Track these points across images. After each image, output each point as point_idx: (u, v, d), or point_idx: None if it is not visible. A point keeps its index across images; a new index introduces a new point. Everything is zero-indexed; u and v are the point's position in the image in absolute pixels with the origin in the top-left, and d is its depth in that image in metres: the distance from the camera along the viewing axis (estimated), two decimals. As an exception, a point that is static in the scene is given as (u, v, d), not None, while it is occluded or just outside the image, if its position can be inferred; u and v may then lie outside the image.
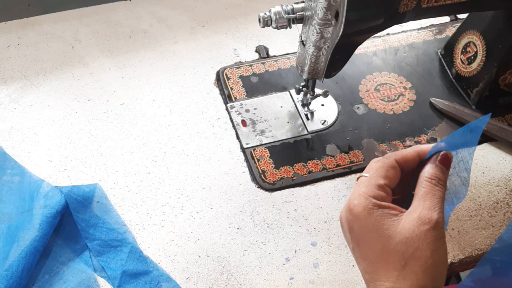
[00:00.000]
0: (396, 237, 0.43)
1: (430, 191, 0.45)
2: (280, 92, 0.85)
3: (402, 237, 0.43)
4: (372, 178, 0.47)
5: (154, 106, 0.83)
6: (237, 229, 0.70)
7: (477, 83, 0.82)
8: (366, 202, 0.45)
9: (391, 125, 0.81)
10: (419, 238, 0.42)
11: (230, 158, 0.77)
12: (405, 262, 0.43)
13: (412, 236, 0.43)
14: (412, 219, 0.43)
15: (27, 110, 0.81)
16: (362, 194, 0.46)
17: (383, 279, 0.43)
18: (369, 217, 0.45)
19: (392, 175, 0.47)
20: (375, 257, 0.44)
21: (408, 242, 0.43)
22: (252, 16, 0.97)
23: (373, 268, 0.45)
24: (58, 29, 0.93)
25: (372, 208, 0.45)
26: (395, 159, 0.48)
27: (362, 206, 0.45)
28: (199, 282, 0.65)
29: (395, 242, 0.43)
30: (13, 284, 0.61)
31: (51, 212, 0.66)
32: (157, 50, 0.91)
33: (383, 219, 0.44)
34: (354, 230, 0.46)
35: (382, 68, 0.89)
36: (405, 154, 0.48)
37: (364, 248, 0.46)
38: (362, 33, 0.67)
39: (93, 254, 0.67)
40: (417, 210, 0.44)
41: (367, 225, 0.45)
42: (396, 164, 0.48)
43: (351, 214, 0.46)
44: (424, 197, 0.45)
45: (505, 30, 0.77)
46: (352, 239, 0.47)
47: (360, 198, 0.46)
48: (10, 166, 0.74)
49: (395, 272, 0.43)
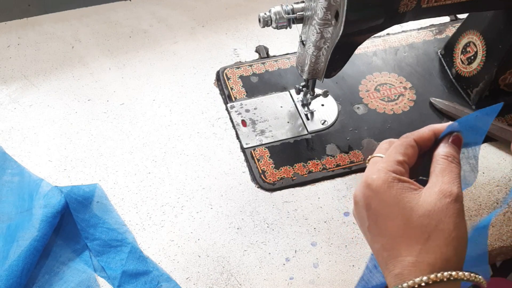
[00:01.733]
0: (419, 210, 0.42)
1: (447, 167, 0.45)
2: (280, 92, 0.85)
3: (425, 210, 0.42)
4: (391, 155, 0.46)
5: (154, 106, 0.83)
6: (237, 229, 0.70)
7: (477, 83, 0.83)
8: (386, 176, 0.44)
9: (391, 125, 0.81)
10: (441, 210, 0.42)
11: (230, 158, 0.77)
12: (428, 235, 0.42)
13: (434, 209, 0.42)
14: (433, 193, 0.43)
15: (27, 110, 0.81)
16: (381, 169, 0.45)
17: (405, 253, 0.42)
18: (389, 191, 0.44)
19: (410, 153, 0.47)
20: (396, 231, 0.43)
21: (430, 215, 0.42)
22: (252, 16, 0.97)
23: (393, 244, 0.43)
24: (58, 29, 0.93)
25: (392, 181, 0.44)
26: (414, 138, 0.48)
27: (382, 180, 0.44)
28: (199, 282, 0.65)
29: (418, 215, 0.42)
30: (13, 284, 0.61)
31: (51, 212, 0.66)
32: (157, 50, 0.91)
33: (404, 192, 0.43)
34: (372, 206, 0.45)
35: (382, 68, 0.89)
36: (422, 133, 0.48)
37: (383, 224, 0.44)
38: (362, 33, 0.67)
39: (93, 254, 0.67)
40: (437, 185, 0.43)
41: (387, 198, 0.44)
42: (414, 143, 0.47)
43: (369, 189, 0.45)
44: (442, 173, 0.44)
45: (505, 30, 0.77)
46: (369, 216, 0.46)
47: (380, 172, 0.45)
48: (10, 166, 0.74)
49: (417, 245, 0.42)
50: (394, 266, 0.43)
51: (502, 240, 0.70)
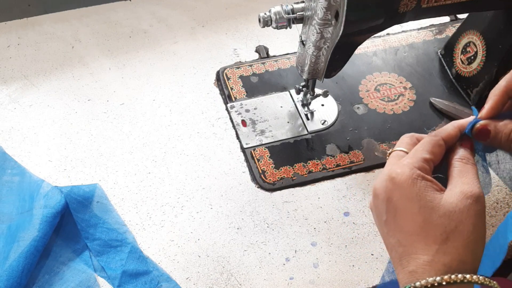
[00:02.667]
0: (440, 209, 0.42)
1: (464, 169, 0.45)
2: (280, 92, 0.85)
3: (446, 210, 0.42)
4: (418, 151, 0.46)
5: (154, 106, 0.83)
6: (237, 229, 0.70)
7: (477, 83, 0.83)
8: (411, 172, 0.44)
9: (391, 125, 0.81)
10: (462, 212, 0.42)
11: (230, 158, 0.77)
12: (447, 236, 0.42)
13: (455, 210, 0.42)
14: (454, 194, 0.43)
15: (27, 110, 0.81)
16: (406, 164, 0.45)
17: (421, 252, 0.42)
18: (413, 187, 0.44)
19: (438, 152, 0.47)
20: (414, 228, 0.43)
21: (451, 216, 0.42)
22: (252, 16, 0.97)
23: (410, 241, 0.43)
24: (58, 29, 0.93)
25: (417, 178, 0.44)
26: (442, 137, 0.47)
27: (407, 175, 0.44)
28: (199, 282, 0.65)
29: (438, 215, 0.42)
30: (13, 284, 0.61)
31: (51, 212, 0.66)
32: (157, 50, 0.91)
33: (427, 191, 0.43)
34: (393, 200, 0.45)
35: (382, 68, 0.89)
36: (449, 131, 0.48)
37: (402, 219, 0.44)
38: (362, 33, 0.67)
39: (93, 254, 0.67)
40: (458, 186, 0.44)
41: (410, 194, 0.44)
42: (443, 142, 0.47)
43: (392, 183, 0.45)
44: (460, 174, 0.45)
45: (505, 30, 0.77)
46: (388, 210, 0.45)
47: (405, 167, 0.45)
48: (10, 166, 0.74)
49: (435, 245, 0.42)
50: (408, 263, 0.43)
51: (502, 240, 0.70)
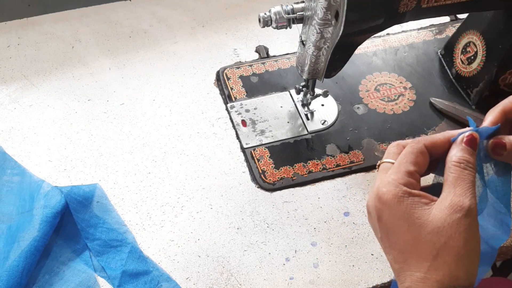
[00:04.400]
0: (428, 226, 0.42)
1: (459, 176, 0.43)
2: (280, 92, 0.85)
3: (434, 227, 0.42)
4: (402, 164, 0.45)
5: (154, 106, 0.83)
6: (237, 229, 0.70)
7: (477, 83, 0.82)
8: (396, 190, 0.43)
9: (391, 125, 0.81)
10: (451, 227, 0.41)
11: (230, 158, 0.77)
12: (437, 252, 0.41)
13: (444, 225, 0.41)
14: (443, 208, 0.42)
15: (27, 110, 0.81)
16: (391, 181, 0.44)
17: (414, 269, 0.42)
18: (399, 205, 0.43)
19: (421, 161, 0.45)
20: (405, 246, 0.43)
21: (439, 232, 0.41)
22: (252, 16, 0.97)
23: (403, 258, 0.43)
24: (58, 29, 0.93)
25: (403, 196, 0.43)
26: (424, 144, 0.46)
27: (392, 194, 0.43)
28: (199, 282, 0.65)
29: (426, 232, 0.42)
30: (13, 284, 0.61)
31: (51, 212, 0.66)
32: (157, 50, 0.91)
33: (414, 208, 0.43)
34: (383, 219, 0.44)
35: (382, 68, 0.89)
36: (435, 139, 0.46)
37: (393, 237, 0.44)
38: (362, 33, 0.67)
39: (93, 254, 0.67)
40: (448, 198, 0.42)
41: (397, 213, 0.43)
42: (425, 149, 0.46)
43: (380, 202, 0.44)
44: (454, 183, 0.43)
45: (505, 30, 0.77)
46: (380, 228, 0.45)
47: (390, 185, 0.44)
48: (10, 166, 0.74)
49: (426, 262, 0.42)
50: (404, 279, 0.43)
51: None
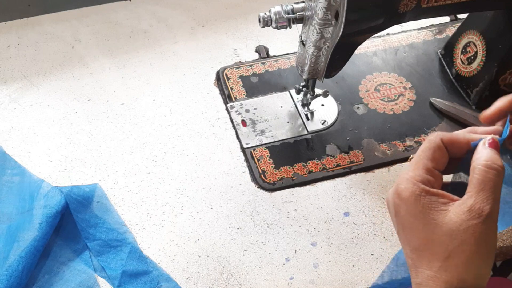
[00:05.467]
0: (442, 228, 0.42)
1: (484, 179, 0.42)
2: (280, 92, 0.85)
3: (448, 229, 0.42)
4: (419, 161, 0.45)
5: (154, 106, 0.83)
6: (237, 229, 0.70)
7: (477, 83, 0.82)
8: (413, 188, 0.43)
9: (391, 125, 0.81)
10: (466, 231, 0.41)
11: (230, 158, 0.77)
12: (449, 254, 0.42)
13: (459, 229, 0.41)
14: (461, 212, 0.42)
15: (27, 110, 0.81)
16: (409, 179, 0.44)
17: (425, 267, 0.43)
18: (416, 204, 0.43)
19: (439, 157, 0.45)
20: (419, 244, 0.44)
21: (453, 235, 0.41)
22: (252, 16, 0.97)
23: (416, 255, 0.44)
24: (58, 29, 0.93)
25: (420, 194, 0.43)
26: (441, 138, 0.45)
27: (410, 191, 0.43)
28: (199, 282, 0.65)
29: (441, 233, 0.42)
30: (13, 284, 0.61)
31: (51, 212, 0.66)
32: (157, 50, 0.91)
33: (431, 208, 0.43)
34: (400, 215, 0.45)
35: (382, 68, 0.89)
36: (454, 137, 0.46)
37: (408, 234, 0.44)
38: (362, 33, 0.67)
39: (93, 254, 0.67)
40: (469, 202, 0.42)
41: (413, 211, 0.43)
42: (442, 145, 0.45)
43: (399, 198, 0.44)
44: (478, 187, 0.42)
45: (505, 30, 0.77)
46: (397, 223, 0.46)
47: (408, 182, 0.44)
48: (10, 166, 0.74)
49: (437, 262, 0.42)
50: (416, 275, 0.44)
51: (502, 240, 0.70)
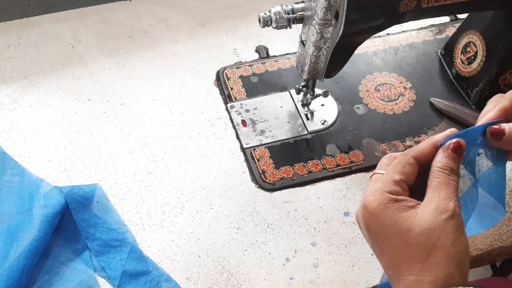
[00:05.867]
0: (415, 228, 0.43)
1: (444, 181, 0.44)
2: (280, 92, 0.85)
3: (422, 228, 0.42)
4: (388, 174, 0.46)
5: (154, 106, 0.83)
6: (237, 229, 0.70)
7: (477, 83, 0.83)
8: (381, 197, 0.44)
9: (391, 125, 0.81)
10: (439, 227, 0.42)
11: (230, 158, 0.77)
12: (427, 253, 0.42)
13: (431, 227, 0.42)
14: (429, 210, 0.43)
15: (27, 110, 0.81)
16: (377, 190, 0.45)
17: (406, 273, 0.43)
18: (385, 212, 0.44)
19: (408, 171, 0.46)
20: (395, 251, 0.44)
21: (428, 233, 0.42)
22: (252, 16, 0.97)
23: (395, 263, 0.44)
24: (58, 29, 0.93)
25: (388, 202, 0.44)
26: (412, 155, 0.47)
27: (378, 202, 0.44)
28: (199, 282, 0.65)
29: (415, 234, 0.43)
30: (13, 284, 0.61)
31: (51, 212, 0.66)
32: (157, 50, 0.91)
33: (400, 212, 0.44)
34: (371, 227, 0.45)
35: (382, 68, 0.89)
36: (421, 148, 0.47)
37: (383, 244, 0.45)
38: (362, 33, 0.67)
39: (93, 254, 0.67)
40: (433, 201, 0.43)
41: (384, 220, 0.44)
42: (413, 160, 0.47)
43: (367, 211, 0.45)
44: (438, 187, 0.44)
45: (505, 30, 0.77)
46: (370, 236, 0.46)
47: (376, 193, 0.45)
48: (10, 166, 0.74)
49: (418, 264, 0.42)
50: (398, 284, 0.44)
51: (502, 240, 0.70)
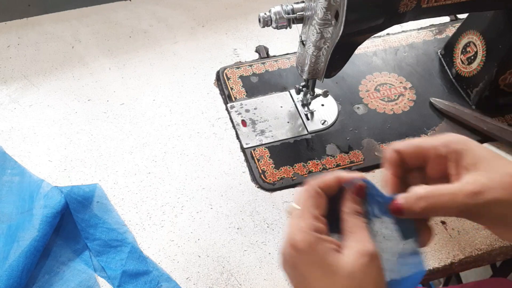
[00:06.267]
0: (340, 272, 0.44)
1: (354, 225, 0.46)
2: (280, 92, 0.85)
3: (347, 272, 0.43)
4: (306, 210, 0.46)
5: (154, 106, 0.83)
6: (237, 229, 0.70)
7: (477, 83, 0.83)
8: (309, 237, 0.45)
9: (391, 125, 0.81)
10: (361, 271, 0.43)
11: (230, 158, 0.77)
12: None
13: (355, 270, 0.43)
14: (352, 253, 0.44)
15: (27, 110, 0.81)
16: (302, 229, 0.45)
17: None
18: (314, 253, 0.44)
19: (321, 203, 0.47)
20: None
21: (351, 276, 0.43)
22: (252, 16, 0.97)
23: None
24: (58, 29, 0.93)
25: (316, 243, 0.44)
26: (319, 186, 0.48)
27: (306, 242, 0.44)
28: (199, 282, 0.65)
29: (341, 277, 0.43)
30: (13, 284, 0.61)
31: (51, 212, 0.66)
32: (157, 50, 0.91)
33: (327, 254, 0.44)
34: (298, 267, 0.46)
35: (382, 68, 0.89)
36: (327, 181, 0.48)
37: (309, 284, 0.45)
38: (362, 33, 0.67)
39: (93, 254, 0.67)
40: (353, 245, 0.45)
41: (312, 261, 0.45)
42: (321, 191, 0.47)
43: (295, 250, 0.45)
44: (352, 231, 0.46)
45: (505, 30, 0.77)
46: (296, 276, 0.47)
47: (302, 233, 0.45)
48: (10, 166, 0.74)
49: None
50: None
51: (502, 240, 0.70)
